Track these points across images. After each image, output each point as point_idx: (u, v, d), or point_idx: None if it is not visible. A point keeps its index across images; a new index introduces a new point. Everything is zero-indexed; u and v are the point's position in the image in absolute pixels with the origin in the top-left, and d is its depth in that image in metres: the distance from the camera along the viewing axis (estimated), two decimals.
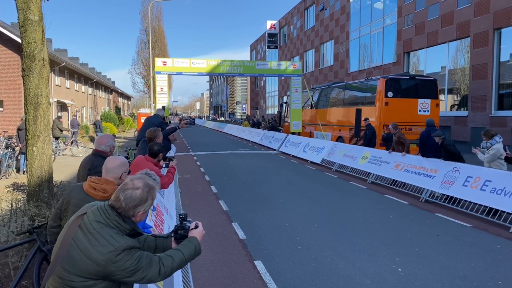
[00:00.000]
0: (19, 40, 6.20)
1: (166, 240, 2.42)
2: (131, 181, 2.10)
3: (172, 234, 2.40)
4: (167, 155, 5.38)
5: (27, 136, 5.75)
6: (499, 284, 4.81)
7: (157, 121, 9.02)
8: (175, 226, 2.40)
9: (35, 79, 5.55)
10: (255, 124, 34.82)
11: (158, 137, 6.12)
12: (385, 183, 11.22)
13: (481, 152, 8.53)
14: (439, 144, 9.48)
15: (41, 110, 5.64)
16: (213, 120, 71.54)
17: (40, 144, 5.71)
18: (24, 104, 5.71)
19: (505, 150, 8.21)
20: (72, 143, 18.08)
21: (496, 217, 7.52)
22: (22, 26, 5.57)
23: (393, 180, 11.00)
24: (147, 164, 4.82)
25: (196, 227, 2.36)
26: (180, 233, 2.36)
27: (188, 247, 2.23)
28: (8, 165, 12.06)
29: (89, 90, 37.12)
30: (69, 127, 20.77)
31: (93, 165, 4.08)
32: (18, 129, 12.83)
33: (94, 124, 21.88)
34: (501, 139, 8.52)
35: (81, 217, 2.03)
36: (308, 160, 16.28)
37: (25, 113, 5.76)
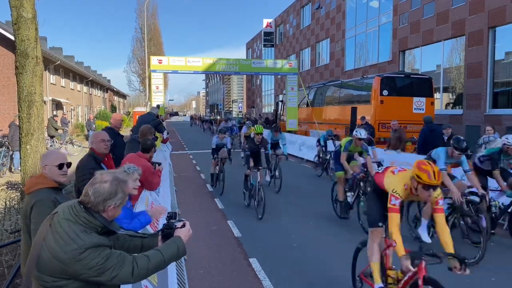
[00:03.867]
0: (13, 38, 6.17)
1: (153, 239, 2.36)
2: (100, 175, 2.06)
3: (160, 233, 2.34)
4: (154, 160, 5.33)
5: (21, 134, 5.73)
6: (492, 280, 4.85)
7: (150, 118, 9.01)
8: (163, 224, 2.35)
9: (28, 77, 5.52)
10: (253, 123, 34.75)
11: (150, 134, 6.18)
12: None
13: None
14: (448, 136, 9.56)
15: (35, 108, 5.62)
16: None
17: (34, 142, 5.69)
18: (18, 102, 5.69)
19: None
20: (67, 142, 18.02)
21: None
22: (15, 24, 5.55)
23: None
24: (139, 160, 4.77)
25: (183, 226, 2.28)
26: (166, 232, 2.30)
27: (169, 247, 2.15)
28: (3, 163, 12.01)
29: (85, 88, 36.96)
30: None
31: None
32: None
33: (86, 122, 22.01)
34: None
35: (52, 216, 2.00)
36: (303, 159, 16.31)
37: (19, 111, 5.73)
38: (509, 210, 6.38)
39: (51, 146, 16.44)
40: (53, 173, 2.99)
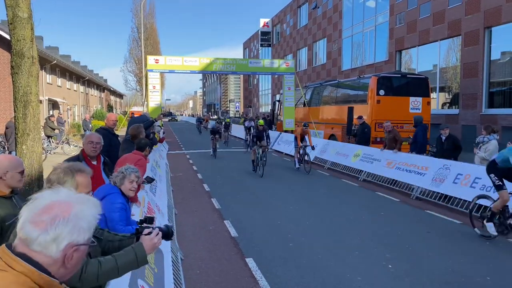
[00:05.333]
0: (8, 37, 6.18)
1: (128, 241, 2.31)
2: (57, 166, 2.11)
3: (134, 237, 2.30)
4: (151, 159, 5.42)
5: (17, 134, 5.70)
6: (487, 279, 4.88)
7: (141, 118, 9.08)
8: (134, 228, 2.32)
9: (24, 76, 5.50)
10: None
11: (141, 134, 6.25)
12: (377, 181, 11.28)
13: (482, 151, 8.68)
14: (446, 136, 9.65)
15: (31, 108, 5.60)
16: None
17: (30, 143, 5.66)
18: (14, 102, 5.66)
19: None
20: (63, 141, 17.97)
21: None
22: (11, 23, 5.52)
23: (385, 177, 11.07)
24: (135, 156, 4.89)
25: (150, 233, 2.16)
26: (136, 236, 2.25)
27: (126, 255, 2.04)
28: None
29: (81, 88, 36.84)
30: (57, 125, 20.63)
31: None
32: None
33: (83, 122, 22.07)
34: (498, 137, 8.71)
35: None
36: None
37: (15, 111, 5.71)
38: None
39: (47, 146, 16.38)
40: (15, 180, 2.72)
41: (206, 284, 4.72)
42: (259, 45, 50.97)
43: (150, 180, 5.36)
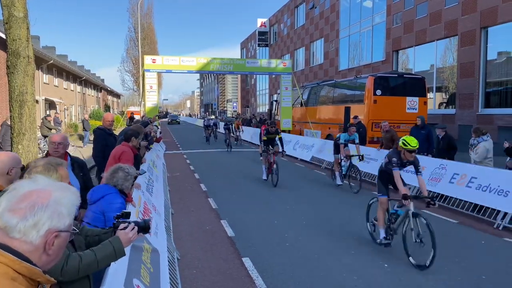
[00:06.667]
0: (4, 36, 6.17)
1: (106, 235, 2.37)
2: (34, 163, 2.21)
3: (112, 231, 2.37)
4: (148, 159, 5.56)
5: (13, 134, 5.70)
6: (482, 278, 4.89)
7: (142, 121, 9.21)
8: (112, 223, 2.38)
9: (20, 76, 5.49)
10: (246, 122, 34.77)
11: (141, 133, 6.39)
12: (373, 180, 11.30)
13: (474, 153, 8.75)
14: (442, 136, 9.69)
15: (27, 108, 5.59)
16: (203, 118, 70.48)
17: (25, 142, 5.65)
18: (9, 101, 5.65)
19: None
20: None
21: (481, 213, 7.64)
22: (6, 23, 5.51)
23: None
24: (121, 148, 5.24)
25: (125, 228, 2.26)
26: (113, 230, 2.31)
27: (105, 248, 2.13)
28: None
29: (78, 88, 36.74)
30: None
31: None
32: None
33: (82, 122, 22.04)
34: (489, 137, 8.69)
35: None
36: (298, 158, 16.35)
37: (10, 111, 5.70)
38: None
39: (44, 146, 16.32)
40: (17, 175, 2.80)
41: (203, 283, 4.72)
42: (257, 45, 50.96)
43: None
